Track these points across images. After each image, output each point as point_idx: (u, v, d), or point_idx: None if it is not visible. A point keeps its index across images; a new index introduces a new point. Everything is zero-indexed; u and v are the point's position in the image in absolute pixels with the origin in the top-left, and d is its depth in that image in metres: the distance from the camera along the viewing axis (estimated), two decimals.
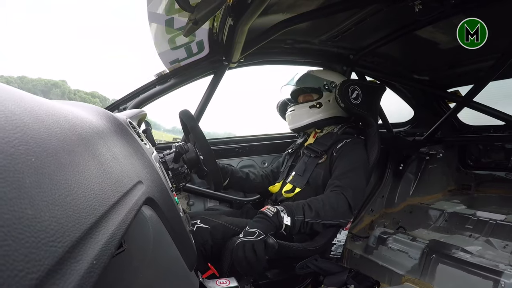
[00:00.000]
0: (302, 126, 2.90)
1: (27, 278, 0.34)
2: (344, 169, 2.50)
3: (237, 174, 2.89)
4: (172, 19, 2.29)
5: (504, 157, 3.64)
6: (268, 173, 3.16)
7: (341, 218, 2.30)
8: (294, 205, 2.19)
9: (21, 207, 0.37)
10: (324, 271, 2.43)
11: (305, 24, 2.64)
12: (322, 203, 2.24)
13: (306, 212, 2.16)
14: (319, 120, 2.83)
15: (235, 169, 2.92)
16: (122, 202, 0.66)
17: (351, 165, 2.51)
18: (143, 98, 2.85)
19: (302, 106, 2.87)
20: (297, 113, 2.91)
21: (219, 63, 2.96)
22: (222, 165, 2.82)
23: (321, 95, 2.83)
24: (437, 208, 3.51)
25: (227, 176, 2.79)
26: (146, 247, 0.90)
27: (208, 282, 1.84)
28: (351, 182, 2.41)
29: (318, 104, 2.81)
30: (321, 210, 2.20)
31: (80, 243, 0.45)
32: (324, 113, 2.82)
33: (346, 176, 2.44)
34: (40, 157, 0.45)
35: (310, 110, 2.83)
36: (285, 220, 2.07)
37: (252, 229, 1.96)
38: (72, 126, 0.64)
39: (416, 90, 4.06)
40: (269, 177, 3.12)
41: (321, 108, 2.81)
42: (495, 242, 2.75)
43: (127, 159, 0.90)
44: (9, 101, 0.48)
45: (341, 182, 2.41)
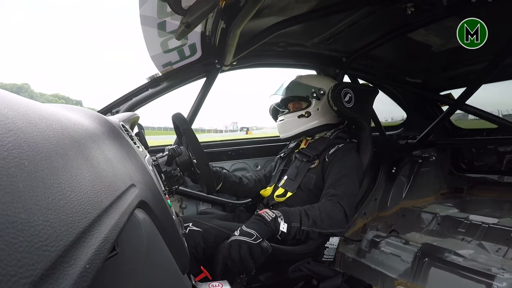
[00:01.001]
0: (292, 136, 2.93)
1: (20, 283, 0.34)
2: (338, 175, 2.51)
3: (230, 178, 2.90)
4: (165, 22, 2.29)
5: (496, 160, 3.65)
6: (261, 177, 3.17)
7: (337, 227, 2.29)
8: (291, 212, 2.18)
9: (14, 211, 0.36)
10: (316, 275, 2.43)
11: (298, 27, 2.65)
12: (319, 212, 2.23)
13: (303, 220, 2.15)
14: (309, 129, 2.85)
15: (228, 174, 2.93)
16: (115, 205, 0.66)
17: (344, 171, 2.52)
18: (135, 101, 2.84)
19: (290, 116, 2.90)
20: (286, 123, 2.93)
21: (211, 66, 2.96)
22: (216, 169, 2.84)
23: (310, 103, 2.85)
24: (429, 212, 3.52)
25: (220, 180, 2.79)
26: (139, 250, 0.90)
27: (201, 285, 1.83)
28: (346, 189, 2.42)
29: (307, 113, 2.82)
30: (318, 218, 2.19)
31: (73, 247, 0.45)
32: (313, 122, 2.84)
33: (341, 183, 2.45)
34: (33, 161, 0.44)
35: (298, 120, 2.85)
36: (282, 227, 2.06)
37: (249, 230, 1.95)
38: (65, 130, 0.64)
39: (409, 93, 4.08)
40: (262, 182, 3.13)
41: (309, 117, 2.83)
42: (487, 246, 2.76)
43: (120, 162, 0.90)
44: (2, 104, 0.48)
45: (336, 190, 2.41)
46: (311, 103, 2.84)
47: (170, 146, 2.35)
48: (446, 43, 2.92)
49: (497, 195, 3.49)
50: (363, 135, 2.79)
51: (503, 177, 3.52)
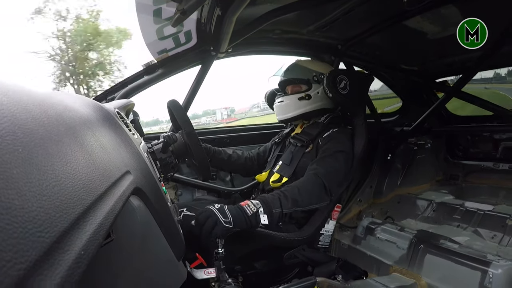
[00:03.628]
0: (290, 118, 2.91)
1: (14, 269, 0.34)
2: (323, 154, 2.55)
3: (219, 155, 2.95)
4: (160, 9, 2.28)
5: (492, 147, 3.65)
6: (253, 155, 3.19)
7: (318, 201, 2.35)
8: (270, 198, 2.20)
9: (8, 197, 0.36)
10: (312, 261, 2.44)
11: (293, 14, 2.62)
12: (297, 190, 2.28)
13: (283, 203, 2.19)
14: (308, 112, 2.84)
15: (217, 150, 2.96)
16: (110, 192, 0.66)
17: (330, 151, 2.55)
18: (131, 88, 2.83)
19: (290, 98, 2.87)
20: (285, 104, 2.91)
21: (207, 53, 2.94)
22: (205, 145, 2.83)
23: (310, 86, 2.84)
24: (425, 198, 3.52)
25: (208, 157, 2.78)
26: (134, 237, 0.91)
27: (196, 272, 1.85)
28: (327, 166, 2.46)
29: (307, 96, 2.81)
30: (298, 196, 2.24)
31: (67, 234, 0.45)
32: (312, 105, 2.83)
33: (324, 161, 2.49)
34: (27, 147, 0.45)
35: (299, 102, 2.83)
36: (263, 220, 2.08)
37: (227, 212, 1.97)
38: (60, 116, 0.64)
39: (405, 80, 4.07)
40: (253, 160, 3.16)
41: (310, 100, 2.82)
42: (483, 233, 2.77)
43: (115, 149, 0.90)
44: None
45: (318, 165, 2.46)
46: (311, 86, 2.84)
47: (166, 133, 2.35)
48: (442, 30, 2.91)
49: (493, 182, 3.49)
50: (357, 122, 2.80)
51: (499, 164, 3.52)
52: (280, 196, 2.21)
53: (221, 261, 1.84)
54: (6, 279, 0.33)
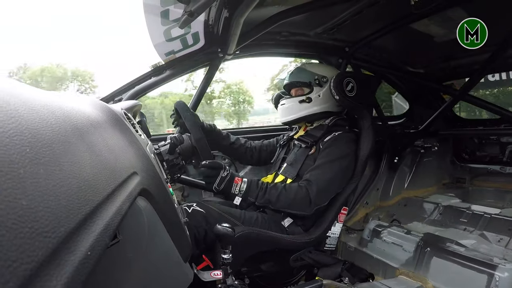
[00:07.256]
0: (291, 120, 2.92)
1: (21, 269, 0.34)
2: (320, 161, 2.56)
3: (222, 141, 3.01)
4: (168, 10, 2.28)
5: (499, 151, 3.65)
6: (255, 146, 3.20)
7: (297, 210, 2.41)
8: (254, 186, 2.40)
9: (15, 197, 0.37)
10: (318, 264, 2.44)
11: (301, 16, 2.62)
12: (278, 193, 2.38)
13: (259, 196, 2.38)
14: (309, 114, 2.84)
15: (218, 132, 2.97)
16: (116, 193, 0.66)
17: (326, 159, 2.56)
18: (138, 90, 2.84)
19: (292, 100, 2.89)
20: (287, 107, 2.92)
21: (214, 55, 2.95)
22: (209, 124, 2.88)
23: (312, 89, 2.84)
24: (431, 202, 3.52)
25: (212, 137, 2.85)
26: (140, 238, 0.90)
27: (203, 274, 1.84)
28: (319, 176, 2.47)
29: (308, 99, 2.82)
30: (274, 198, 2.36)
31: (74, 234, 0.45)
32: (313, 108, 2.83)
33: (318, 169, 2.51)
34: (35, 148, 0.45)
35: (299, 105, 2.84)
36: (236, 201, 2.38)
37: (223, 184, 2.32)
38: (67, 117, 0.64)
39: (412, 83, 4.06)
40: (253, 151, 3.16)
41: (310, 103, 2.82)
42: (489, 236, 2.76)
43: (122, 150, 0.89)
44: (4, 91, 0.48)
45: (311, 176, 2.48)
46: (313, 90, 2.83)
47: (173, 135, 2.35)
48: (449, 33, 2.91)
49: (499, 186, 3.49)
50: (364, 124, 2.79)
51: (505, 168, 3.52)
52: (261, 191, 2.40)
53: (227, 266, 1.84)
54: (12, 279, 0.33)
